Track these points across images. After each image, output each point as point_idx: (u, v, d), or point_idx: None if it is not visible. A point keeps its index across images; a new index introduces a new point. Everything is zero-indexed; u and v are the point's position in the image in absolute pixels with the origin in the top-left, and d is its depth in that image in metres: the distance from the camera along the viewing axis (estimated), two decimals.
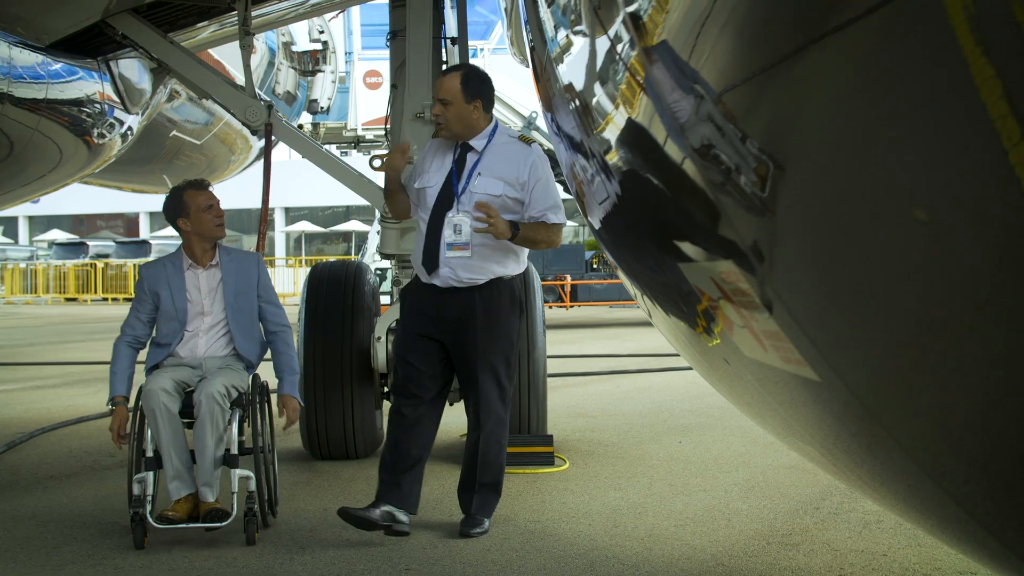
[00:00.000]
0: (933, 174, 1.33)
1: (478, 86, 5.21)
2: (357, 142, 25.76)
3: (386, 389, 6.95)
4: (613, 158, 2.62)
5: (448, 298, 5.19)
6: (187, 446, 5.19)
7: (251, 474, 5.18)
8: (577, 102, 2.84)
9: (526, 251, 5.37)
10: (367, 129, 25.15)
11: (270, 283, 5.77)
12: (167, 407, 5.13)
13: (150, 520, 5.03)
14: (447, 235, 5.13)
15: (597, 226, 3.36)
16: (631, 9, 2.02)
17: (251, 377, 5.56)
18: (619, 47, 2.20)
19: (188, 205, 5.52)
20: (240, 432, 5.35)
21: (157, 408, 5.11)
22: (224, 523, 5.12)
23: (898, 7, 1.24)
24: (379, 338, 6.83)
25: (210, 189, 5.65)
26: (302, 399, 5.69)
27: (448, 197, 5.17)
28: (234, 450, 5.22)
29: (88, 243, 41.41)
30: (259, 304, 5.62)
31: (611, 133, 2.54)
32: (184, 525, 5.13)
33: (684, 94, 1.88)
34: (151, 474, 5.13)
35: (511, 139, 5.34)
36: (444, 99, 5.14)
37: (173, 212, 5.59)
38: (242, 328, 5.55)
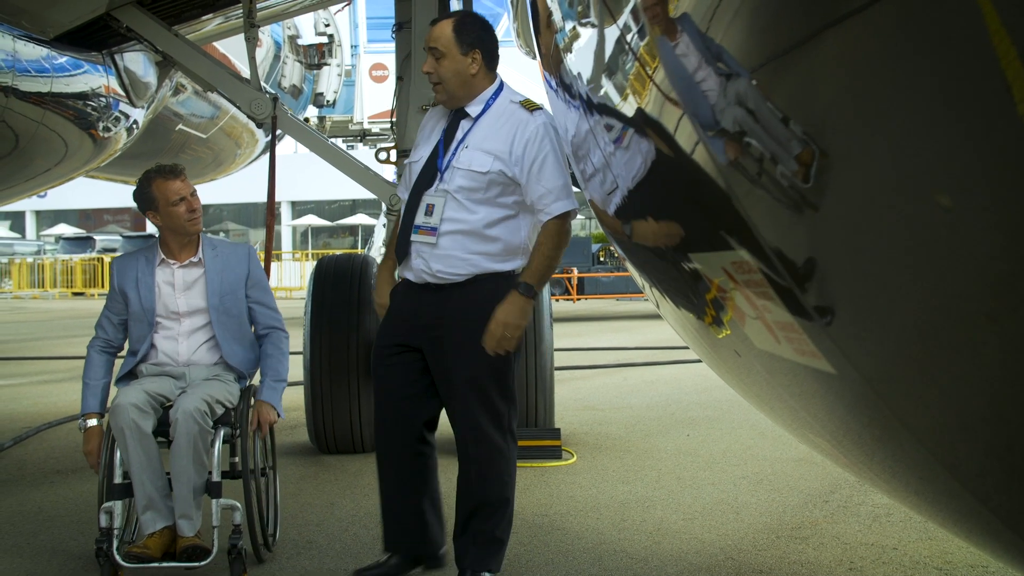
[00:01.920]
0: (946, 164, 1.31)
1: (477, 34, 4.23)
2: (363, 135, 25.78)
3: None
4: (621, 149, 2.60)
5: (424, 297, 4.27)
6: (163, 471, 4.49)
7: (237, 504, 4.49)
8: (584, 93, 2.81)
9: (527, 241, 4.31)
10: (373, 122, 25.17)
11: (263, 280, 5.08)
12: (138, 425, 4.41)
13: (117, 558, 4.35)
14: (418, 216, 4.23)
15: (605, 218, 3.34)
16: (639, 1, 2.00)
17: (242, 389, 4.86)
18: (627, 37, 2.18)
19: (157, 198, 4.81)
20: (232, 453, 4.70)
21: (126, 426, 4.39)
22: (204, 562, 4.42)
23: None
24: None
25: (182, 178, 4.87)
26: (282, 410, 4.91)
27: (431, 172, 4.26)
28: (216, 476, 4.49)
29: (95, 237, 41.52)
30: (248, 304, 4.93)
31: (619, 124, 2.52)
32: (157, 564, 4.40)
33: (693, 83, 1.86)
34: (120, 503, 4.45)
35: (512, 104, 4.26)
36: (436, 50, 4.19)
37: (142, 204, 4.91)
38: (230, 333, 4.86)
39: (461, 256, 4.18)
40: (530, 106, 4.24)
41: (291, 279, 32.44)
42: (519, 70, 23.99)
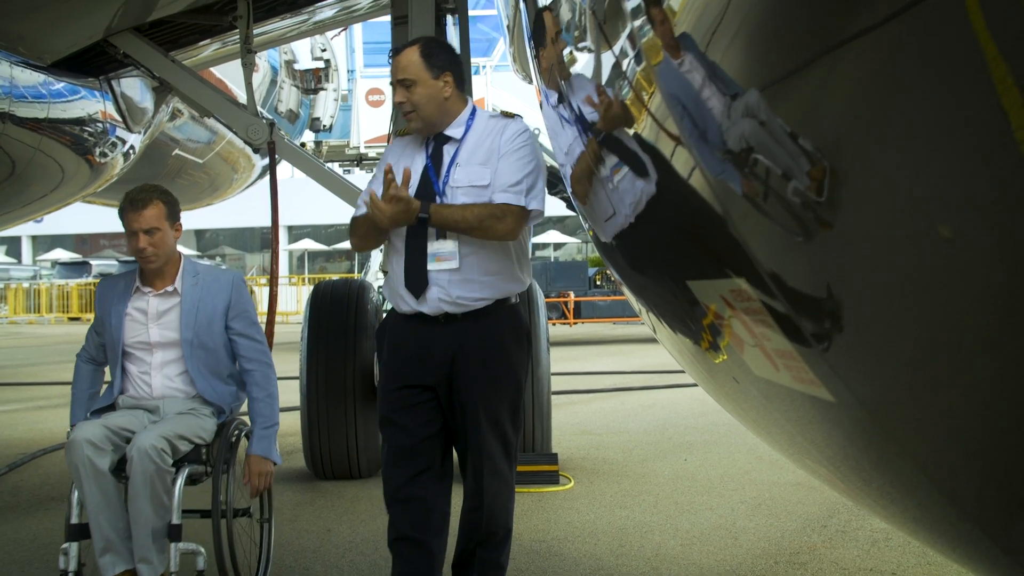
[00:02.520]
0: (943, 192, 1.31)
1: (444, 56, 4.13)
2: (360, 160, 25.81)
3: None
4: (618, 174, 2.60)
5: (438, 331, 4.07)
6: (124, 511, 4.20)
7: (199, 549, 4.24)
8: (582, 117, 2.82)
9: (526, 258, 4.27)
10: (369, 147, 25.20)
11: (248, 311, 4.69)
12: (92, 463, 4.13)
13: None
14: (432, 244, 4.04)
15: (602, 242, 3.34)
16: (636, 24, 2.01)
17: (220, 424, 4.56)
18: (625, 62, 2.18)
19: (125, 223, 4.53)
20: (219, 489, 4.40)
21: (80, 464, 4.13)
22: None
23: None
24: None
25: (147, 210, 4.47)
26: (279, 456, 4.64)
27: (427, 198, 4.05)
28: (177, 519, 4.20)
29: (91, 262, 41.52)
30: (230, 336, 4.60)
31: (616, 148, 2.52)
32: None
33: (691, 108, 1.86)
34: (76, 545, 4.22)
35: (492, 119, 4.19)
36: (405, 79, 4.06)
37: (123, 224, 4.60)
38: (206, 368, 4.55)
39: (479, 279, 4.04)
40: (507, 115, 4.22)
41: (287, 304, 32.43)
42: (515, 94, 24.07)
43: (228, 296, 4.60)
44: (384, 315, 4.39)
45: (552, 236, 43.45)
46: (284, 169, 7.22)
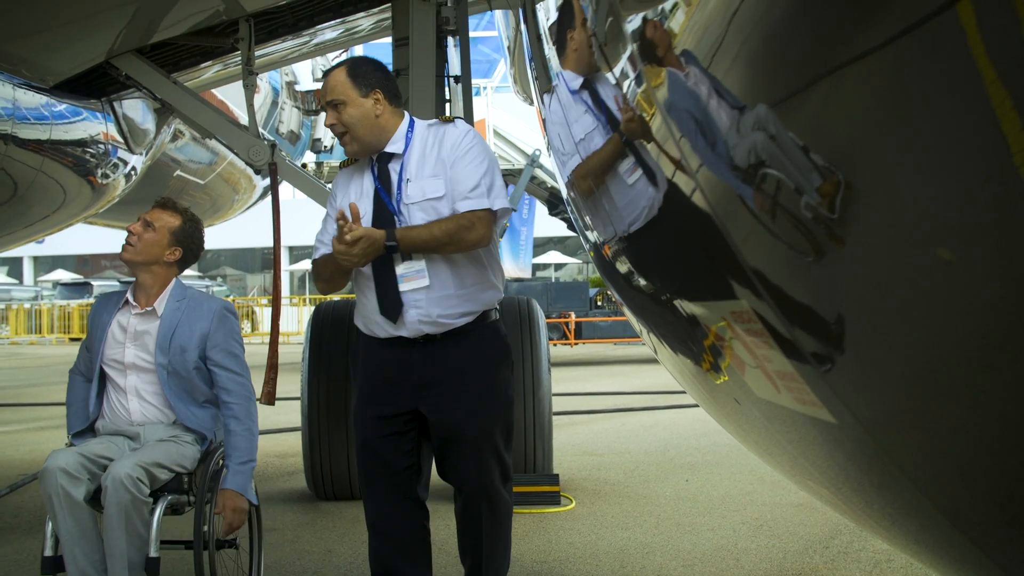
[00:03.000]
0: (943, 215, 1.31)
1: (372, 74, 4.01)
2: None
3: None
4: (619, 194, 2.60)
5: (416, 354, 3.95)
6: (100, 543, 4.02)
7: None
8: (583, 138, 2.82)
9: (498, 263, 4.14)
10: None
11: (230, 344, 4.45)
12: (66, 492, 3.93)
13: None
14: (399, 266, 3.91)
15: (603, 263, 3.34)
16: (637, 45, 2.01)
17: (203, 451, 4.38)
18: (626, 84, 2.19)
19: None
20: (201, 520, 4.21)
21: (53, 493, 3.94)
22: None
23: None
24: None
25: (164, 211, 4.53)
26: (255, 495, 4.40)
27: (386, 220, 3.92)
28: (154, 552, 4.00)
29: (92, 283, 41.50)
30: (208, 367, 4.39)
31: (617, 169, 2.53)
32: None
33: (691, 129, 1.87)
34: None
35: (431, 127, 4.06)
36: (334, 100, 3.96)
37: None
38: (184, 393, 4.36)
39: (456, 294, 3.92)
40: (446, 119, 4.09)
41: (289, 324, 32.41)
42: (516, 115, 24.12)
43: (208, 325, 4.41)
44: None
45: (553, 257, 43.48)
46: (285, 190, 7.23)
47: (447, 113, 7.43)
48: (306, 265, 48.80)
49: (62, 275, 47.93)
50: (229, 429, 4.32)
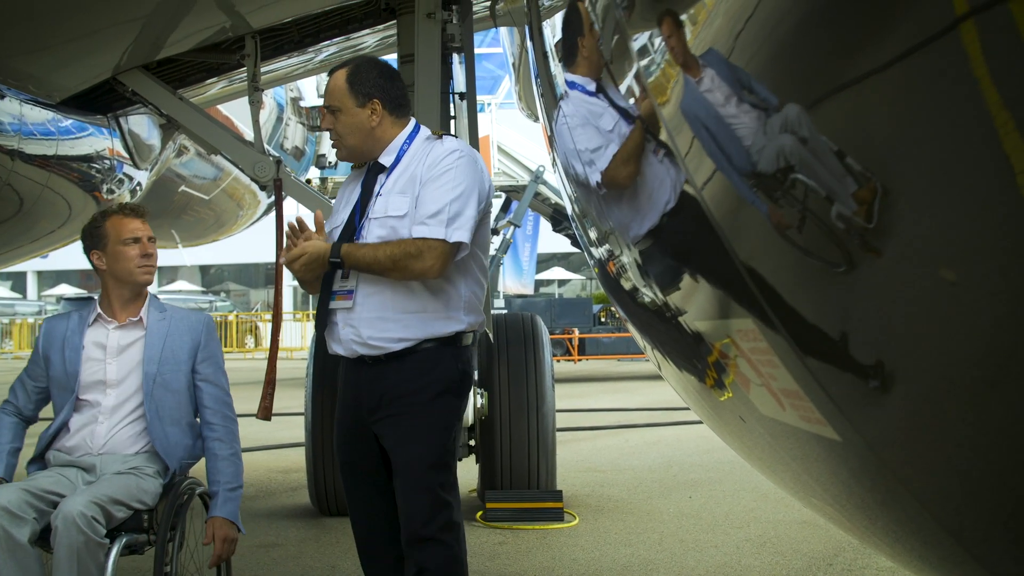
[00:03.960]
0: (948, 231, 1.32)
1: (374, 81, 3.78)
2: None
3: None
4: (623, 211, 2.61)
5: (364, 374, 3.75)
6: None
7: None
8: (588, 154, 2.84)
9: (469, 294, 3.79)
10: None
11: (218, 356, 4.24)
12: (8, 534, 3.55)
13: None
14: (336, 282, 3.75)
15: (607, 279, 3.35)
16: (643, 63, 2.02)
17: (165, 485, 4.01)
18: (629, 101, 2.20)
19: (107, 235, 4.17)
20: (163, 561, 3.82)
21: None
22: None
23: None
24: None
25: (143, 219, 4.22)
26: (242, 524, 4.08)
27: (348, 231, 3.79)
28: None
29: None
30: (196, 382, 4.14)
31: (622, 187, 2.54)
32: None
33: (696, 148, 1.88)
34: None
35: (426, 140, 3.82)
36: (331, 106, 3.79)
37: (87, 241, 4.28)
38: (165, 412, 4.06)
39: (392, 317, 3.65)
40: (439, 135, 3.83)
41: (292, 340, 32.40)
42: (521, 131, 24.16)
43: (199, 336, 4.19)
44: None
45: (557, 273, 43.48)
46: (288, 205, 7.24)
47: (452, 130, 7.45)
48: None
49: (66, 290, 47.94)
50: (215, 453, 4.07)
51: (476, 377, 7.14)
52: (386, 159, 3.79)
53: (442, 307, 3.69)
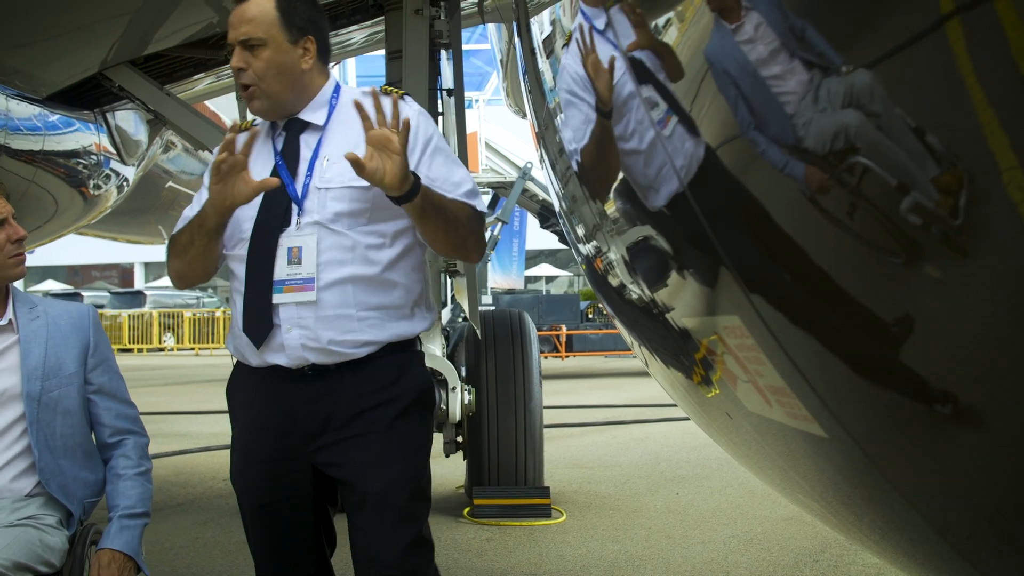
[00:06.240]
0: (934, 224, 1.32)
1: (307, 13, 2.95)
2: None
3: None
4: (611, 208, 2.62)
5: (304, 390, 2.88)
6: None
7: None
8: (576, 152, 2.84)
9: (426, 285, 3.07)
10: None
11: (110, 357, 3.35)
12: None
13: None
14: (279, 268, 2.85)
15: (595, 276, 3.35)
16: (630, 60, 2.03)
17: (71, 537, 3.14)
18: (619, 97, 2.20)
19: None
20: None
21: None
22: None
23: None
24: None
25: (5, 197, 3.36)
26: (142, 560, 3.16)
27: (278, 207, 2.90)
28: None
29: (83, 293, 41.37)
30: (89, 395, 3.24)
31: (610, 184, 2.54)
32: None
33: (681, 143, 1.88)
34: None
35: (366, 95, 2.89)
36: (250, 39, 2.88)
37: None
38: (57, 441, 3.13)
39: (356, 315, 2.87)
40: (393, 92, 2.96)
41: None
42: (508, 128, 24.15)
43: (86, 335, 3.27)
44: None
45: (544, 269, 43.49)
46: None
47: (440, 126, 7.44)
48: None
49: (52, 286, 47.78)
50: (117, 472, 3.22)
51: (464, 373, 7.15)
52: (313, 115, 2.98)
53: (404, 302, 2.96)
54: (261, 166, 2.97)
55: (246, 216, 2.94)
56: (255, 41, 2.88)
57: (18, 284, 3.38)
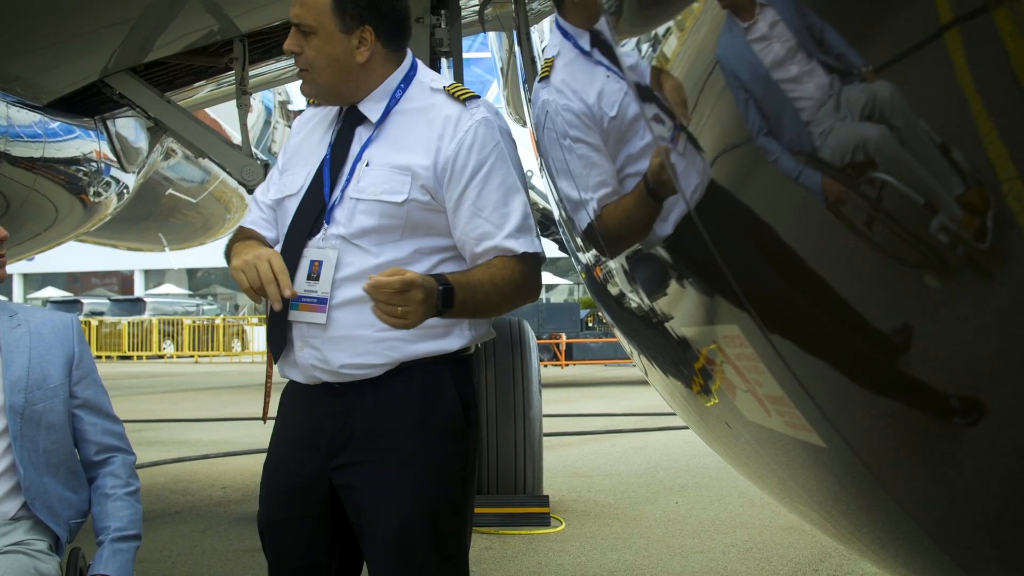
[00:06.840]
0: (929, 234, 1.32)
1: (365, 1, 2.65)
2: None
3: None
4: (611, 217, 2.62)
5: (323, 406, 2.70)
6: None
7: None
8: (576, 161, 2.84)
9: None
10: None
11: (93, 368, 3.16)
12: None
13: None
14: (297, 283, 2.62)
15: (594, 284, 3.35)
16: (631, 70, 2.03)
17: (62, 563, 2.98)
18: (619, 104, 2.21)
19: None
20: None
21: None
22: None
23: None
24: None
25: None
26: None
27: (311, 211, 2.69)
28: None
29: (82, 300, 41.42)
30: (73, 409, 3.05)
31: (609, 191, 2.54)
32: None
33: (682, 155, 1.88)
34: None
35: (434, 93, 2.72)
36: (302, 24, 2.65)
37: None
38: (40, 458, 2.94)
39: (373, 336, 2.62)
40: (460, 94, 2.71)
41: None
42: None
43: (70, 345, 3.10)
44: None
45: (544, 278, 43.44)
46: None
47: None
48: None
49: (52, 292, 47.82)
50: (104, 491, 3.04)
51: None
52: (371, 108, 2.72)
53: (437, 322, 2.62)
54: (314, 153, 2.78)
55: (287, 212, 2.76)
56: (306, 27, 2.65)
57: (17, 291, 3.25)
